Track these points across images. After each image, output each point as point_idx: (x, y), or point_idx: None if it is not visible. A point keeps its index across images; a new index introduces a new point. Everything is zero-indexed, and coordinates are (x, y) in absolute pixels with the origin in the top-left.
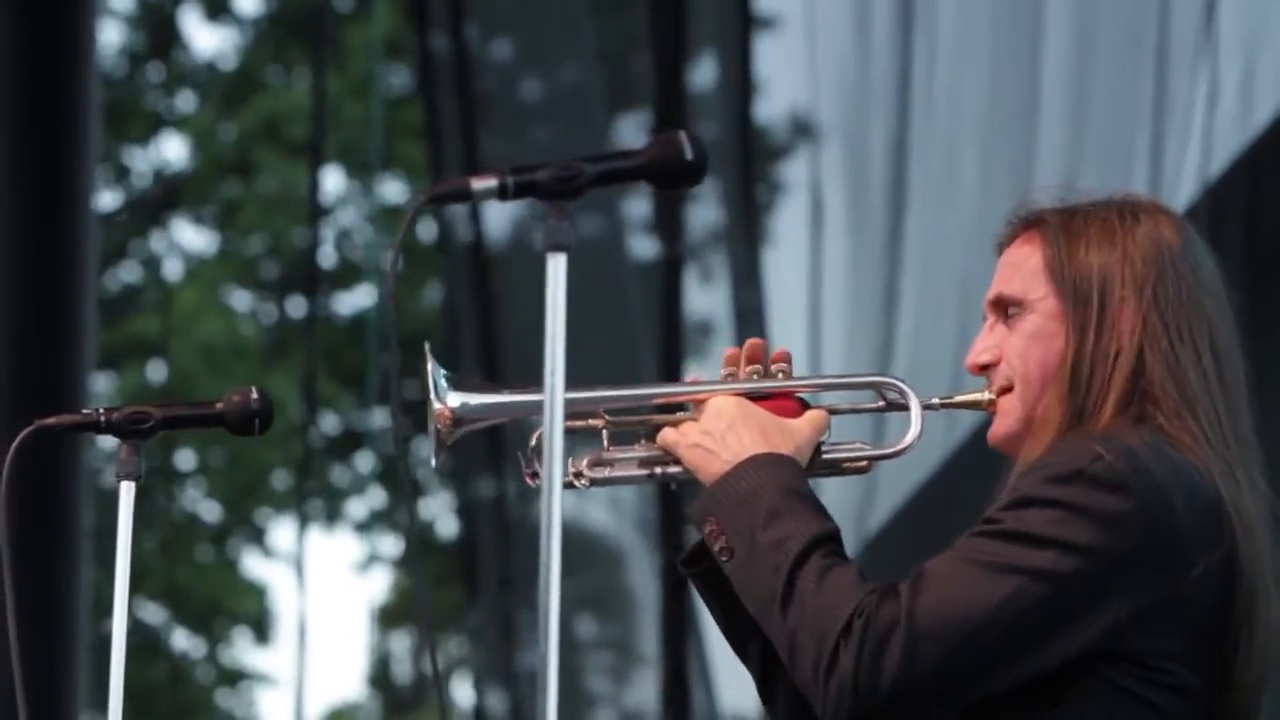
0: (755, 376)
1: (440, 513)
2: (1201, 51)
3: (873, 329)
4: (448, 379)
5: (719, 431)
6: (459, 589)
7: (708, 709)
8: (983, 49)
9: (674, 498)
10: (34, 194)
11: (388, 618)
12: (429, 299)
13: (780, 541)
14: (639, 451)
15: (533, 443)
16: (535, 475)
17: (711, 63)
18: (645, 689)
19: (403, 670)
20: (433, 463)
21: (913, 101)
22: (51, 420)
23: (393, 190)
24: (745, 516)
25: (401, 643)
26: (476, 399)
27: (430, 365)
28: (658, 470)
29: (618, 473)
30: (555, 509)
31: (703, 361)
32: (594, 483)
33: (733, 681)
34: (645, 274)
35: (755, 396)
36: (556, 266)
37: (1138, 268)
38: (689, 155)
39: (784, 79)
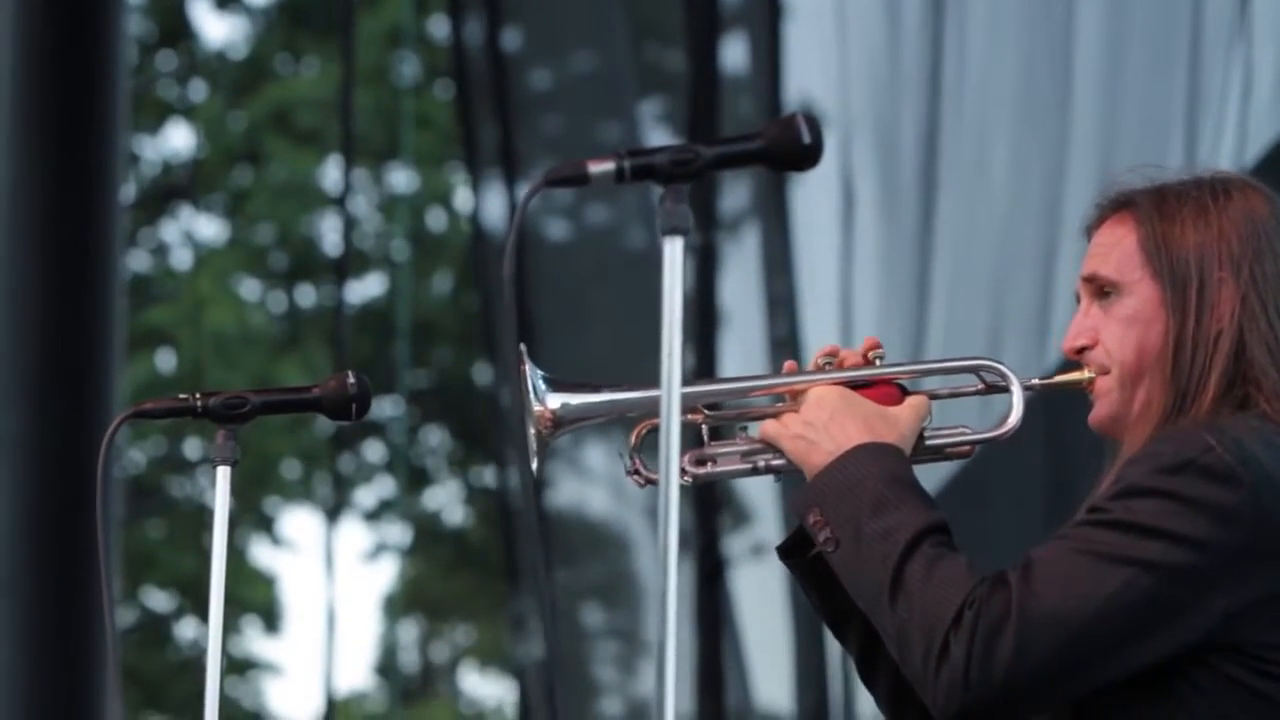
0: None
1: (449, 502)
2: (1236, 40)
3: (904, 318)
4: (546, 380)
5: (821, 422)
6: (467, 577)
7: (741, 704)
8: (1014, 36)
9: (706, 494)
10: (62, 185)
11: (396, 607)
12: (438, 288)
13: (888, 532)
14: (740, 445)
15: (632, 440)
16: (637, 473)
17: (741, 50)
18: (653, 678)
19: (410, 659)
20: (533, 467)
21: (944, 90)
22: (149, 405)
23: (401, 179)
24: (850, 506)
25: (409, 632)
26: (577, 399)
27: (528, 367)
28: (760, 463)
29: (720, 468)
30: (673, 496)
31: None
32: (696, 479)
33: (767, 677)
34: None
35: (855, 385)
36: (674, 250)
37: (1234, 247)
38: (806, 138)
39: (814, 67)
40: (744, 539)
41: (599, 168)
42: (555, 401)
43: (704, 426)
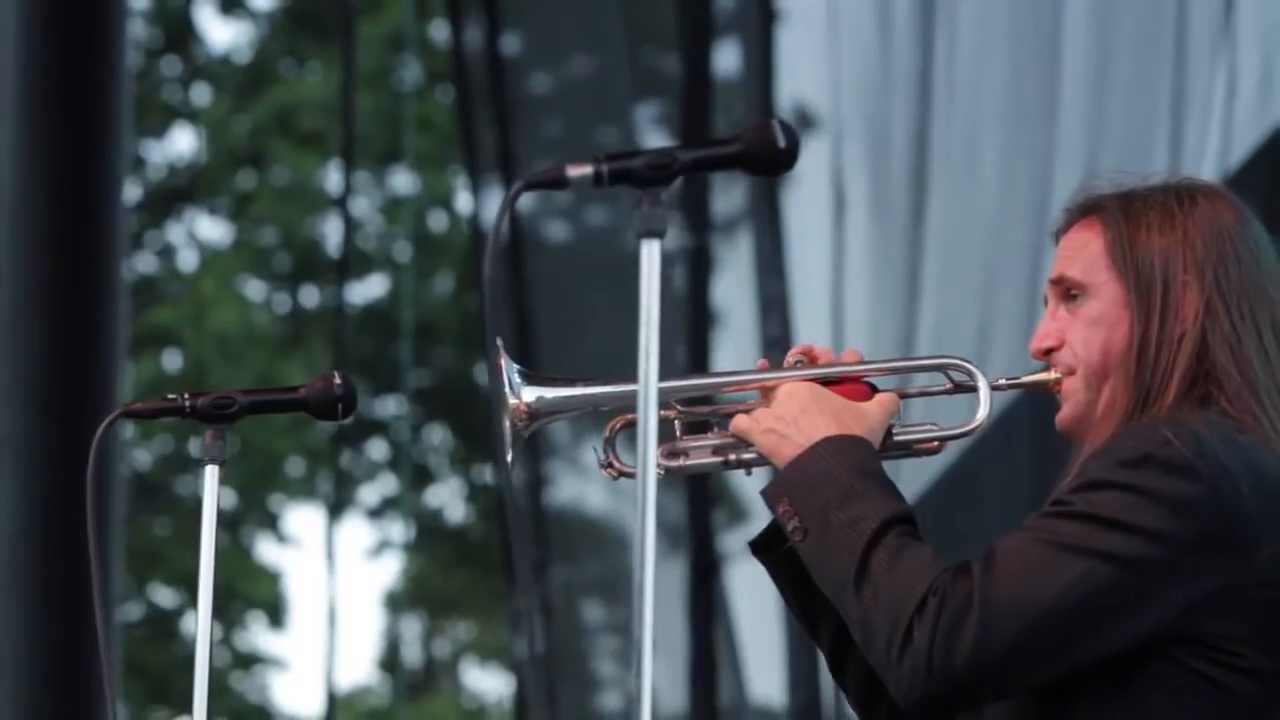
0: (824, 362)
1: (450, 500)
2: (1220, 43)
3: (895, 319)
4: (521, 374)
5: (791, 416)
6: (468, 574)
7: (735, 700)
8: (1003, 40)
9: (700, 491)
10: (66, 188)
11: (398, 603)
12: (440, 289)
13: (854, 521)
14: (712, 439)
15: (607, 434)
16: (610, 465)
17: (735, 54)
18: (653, 673)
19: (412, 654)
20: (508, 458)
21: (934, 92)
22: (138, 405)
23: (403, 181)
24: (818, 496)
25: (411, 627)
26: (552, 393)
27: (504, 360)
28: (732, 457)
29: (692, 461)
30: (650, 490)
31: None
32: (669, 472)
33: (761, 673)
34: (667, 263)
35: (826, 382)
36: (651, 253)
37: (1198, 250)
38: (782, 143)
39: (806, 70)
40: (738, 535)
41: (577, 171)
42: (530, 395)
43: (677, 421)
